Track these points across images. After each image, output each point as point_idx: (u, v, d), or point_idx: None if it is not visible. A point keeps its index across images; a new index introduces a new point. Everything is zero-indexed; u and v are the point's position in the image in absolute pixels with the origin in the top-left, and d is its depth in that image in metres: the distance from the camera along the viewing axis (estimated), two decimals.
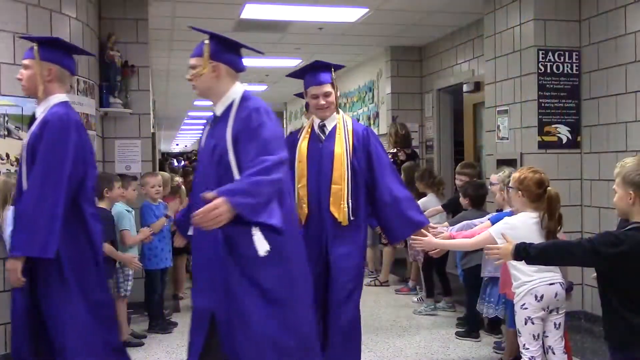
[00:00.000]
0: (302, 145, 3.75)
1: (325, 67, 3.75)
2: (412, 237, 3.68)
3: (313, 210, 3.67)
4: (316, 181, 3.67)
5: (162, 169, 10.34)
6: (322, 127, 3.76)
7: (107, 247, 4.49)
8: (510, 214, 3.66)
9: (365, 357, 4.58)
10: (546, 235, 3.25)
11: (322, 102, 3.69)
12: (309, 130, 3.80)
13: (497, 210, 4.48)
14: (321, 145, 3.72)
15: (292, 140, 3.81)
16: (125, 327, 4.88)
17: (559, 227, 3.29)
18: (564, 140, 5.45)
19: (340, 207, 3.60)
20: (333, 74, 3.73)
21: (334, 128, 3.73)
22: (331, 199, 3.62)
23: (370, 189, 3.70)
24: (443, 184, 6.36)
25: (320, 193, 3.65)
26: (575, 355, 4.26)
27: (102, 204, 4.62)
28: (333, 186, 3.63)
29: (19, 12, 4.40)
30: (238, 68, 3.00)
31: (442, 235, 3.72)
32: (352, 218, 3.62)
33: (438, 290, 6.08)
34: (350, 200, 3.61)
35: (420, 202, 5.70)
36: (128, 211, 4.89)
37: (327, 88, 3.69)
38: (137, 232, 5.01)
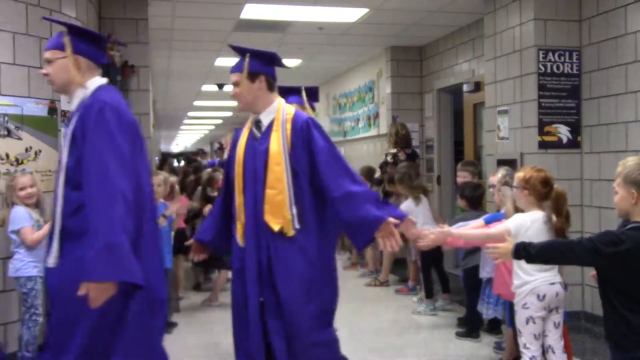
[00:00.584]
0: (240, 144, 3.28)
1: (238, 52, 3.26)
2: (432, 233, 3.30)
3: (250, 220, 3.16)
4: (252, 186, 3.17)
5: (161, 169, 10.33)
6: (257, 122, 3.27)
7: None
8: (504, 214, 3.66)
9: (366, 357, 4.59)
10: (556, 233, 3.25)
11: (232, 92, 3.28)
12: (250, 126, 3.31)
13: (497, 211, 4.48)
14: (256, 144, 3.22)
15: (235, 139, 3.37)
16: None
17: (568, 225, 3.29)
18: (564, 140, 5.45)
19: (282, 215, 3.09)
20: (246, 61, 3.18)
21: (271, 123, 3.21)
22: (266, 206, 3.11)
23: (319, 189, 3.14)
24: (420, 189, 6.11)
25: (257, 200, 3.15)
26: (575, 355, 4.25)
27: None
28: (268, 191, 3.11)
29: (19, 12, 4.40)
30: (99, 61, 2.83)
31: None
32: (297, 226, 3.10)
33: (437, 288, 6.07)
34: (294, 207, 3.10)
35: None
36: None
37: (234, 77, 3.22)
38: None
